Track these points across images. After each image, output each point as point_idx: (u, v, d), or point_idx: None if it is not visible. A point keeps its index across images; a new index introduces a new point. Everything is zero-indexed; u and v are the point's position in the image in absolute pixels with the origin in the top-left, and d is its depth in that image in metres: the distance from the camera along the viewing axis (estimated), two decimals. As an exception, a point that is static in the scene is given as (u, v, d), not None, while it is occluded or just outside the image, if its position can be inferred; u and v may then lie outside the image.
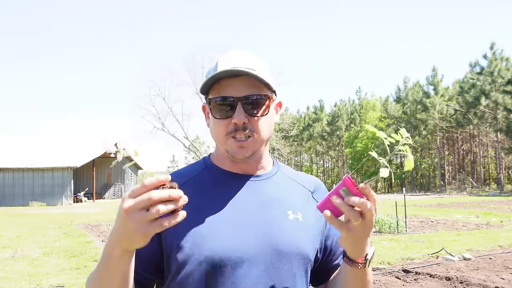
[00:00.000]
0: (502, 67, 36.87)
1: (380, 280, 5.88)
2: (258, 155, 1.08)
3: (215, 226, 0.99)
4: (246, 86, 1.01)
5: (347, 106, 60.75)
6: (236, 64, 1.00)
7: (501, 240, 9.13)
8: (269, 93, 1.05)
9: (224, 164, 1.10)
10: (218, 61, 1.03)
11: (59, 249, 9.33)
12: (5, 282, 6.37)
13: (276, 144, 38.04)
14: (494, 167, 50.07)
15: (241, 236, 0.99)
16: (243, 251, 0.97)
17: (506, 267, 6.52)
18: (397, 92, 49.26)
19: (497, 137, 39.84)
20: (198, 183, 1.08)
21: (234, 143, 1.02)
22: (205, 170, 1.11)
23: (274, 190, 1.10)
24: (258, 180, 1.10)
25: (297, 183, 1.17)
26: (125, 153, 0.81)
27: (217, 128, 1.04)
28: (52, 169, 31.58)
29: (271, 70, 30.66)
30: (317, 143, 60.99)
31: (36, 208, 27.73)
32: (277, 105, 1.12)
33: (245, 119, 1.00)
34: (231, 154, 1.03)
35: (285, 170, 1.19)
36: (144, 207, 0.76)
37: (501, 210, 17.14)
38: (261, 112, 1.03)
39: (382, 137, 0.85)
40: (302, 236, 1.05)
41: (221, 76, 1.00)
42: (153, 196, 0.75)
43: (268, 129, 1.06)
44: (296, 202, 1.11)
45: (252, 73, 0.98)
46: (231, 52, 1.05)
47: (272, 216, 1.04)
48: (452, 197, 31.89)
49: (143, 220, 0.76)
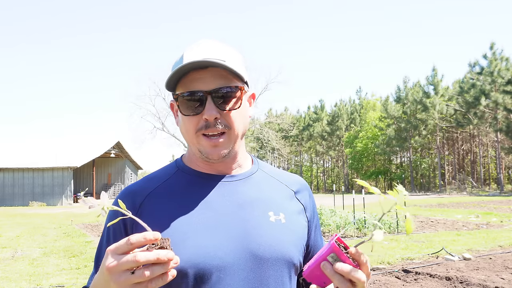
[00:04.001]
0: (502, 67, 36.86)
1: (380, 280, 5.87)
2: (234, 153, 1.00)
3: (188, 234, 0.90)
4: (215, 78, 0.92)
5: (347, 106, 60.76)
6: (203, 55, 0.91)
7: (501, 240, 9.13)
8: (241, 84, 0.97)
9: (197, 165, 1.02)
10: (184, 53, 0.94)
11: (59, 249, 9.32)
12: (5, 282, 6.36)
13: (276, 144, 38.02)
14: (494, 167, 50.07)
15: (217, 243, 0.91)
16: (219, 259, 0.89)
17: (506, 267, 6.52)
18: (397, 92, 49.26)
19: (497, 137, 39.82)
20: (170, 187, 0.99)
21: (207, 142, 0.94)
22: (178, 173, 1.03)
23: (254, 190, 1.02)
24: (235, 180, 1.02)
25: (279, 182, 1.09)
26: (109, 208, 0.75)
27: (187, 125, 0.95)
28: (52, 169, 31.57)
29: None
30: (317, 143, 60.97)
31: (36, 208, 27.71)
32: (250, 97, 1.05)
33: (217, 114, 0.92)
34: (205, 154, 0.95)
35: (266, 169, 1.11)
36: (128, 269, 0.69)
37: (501, 210, 17.13)
38: (233, 105, 0.94)
39: (376, 193, 0.76)
40: (285, 238, 0.97)
41: (188, 69, 0.91)
42: (139, 259, 0.68)
43: (243, 123, 0.98)
44: (278, 202, 1.03)
45: (222, 63, 0.90)
46: (198, 43, 0.97)
47: (251, 219, 0.96)
48: (452, 197, 31.88)
49: (127, 283, 0.70)
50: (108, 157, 36.71)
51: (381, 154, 52.43)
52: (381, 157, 54.69)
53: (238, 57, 0.98)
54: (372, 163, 56.41)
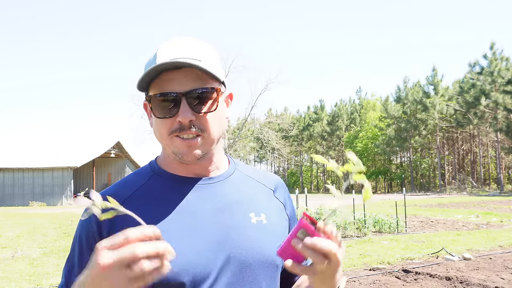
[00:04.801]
0: (502, 67, 36.90)
1: (380, 280, 5.87)
2: (210, 155, 0.96)
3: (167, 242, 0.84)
4: (190, 79, 0.88)
5: (347, 106, 60.81)
6: (177, 55, 0.87)
7: (501, 240, 9.13)
8: (217, 85, 0.93)
9: (172, 167, 0.97)
10: (157, 51, 0.90)
11: (59, 249, 9.33)
12: (5, 282, 6.37)
13: (276, 144, 38.00)
14: (494, 167, 50.09)
15: (198, 249, 0.87)
16: (201, 266, 0.86)
17: (506, 267, 6.52)
18: (397, 92, 49.30)
19: (497, 137, 39.86)
20: (145, 193, 0.94)
21: (181, 143, 0.89)
22: (154, 177, 0.98)
23: (233, 192, 0.98)
24: (212, 182, 0.98)
25: (257, 182, 1.06)
26: (102, 205, 0.71)
27: (160, 128, 0.91)
28: (52, 169, 31.59)
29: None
30: (317, 143, 61.01)
31: (36, 208, 27.72)
32: (227, 97, 1.01)
33: (192, 116, 0.88)
34: (179, 155, 0.91)
35: (243, 169, 1.08)
36: (126, 264, 0.65)
37: (501, 210, 17.14)
38: (209, 108, 0.90)
39: (334, 168, 0.76)
40: (267, 239, 0.94)
41: (161, 69, 0.87)
42: (139, 253, 0.64)
43: (219, 126, 0.94)
44: (259, 203, 1.00)
45: (196, 64, 0.85)
46: (172, 41, 0.92)
47: (232, 221, 0.93)
48: (452, 197, 31.90)
49: (123, 279, 0.65)
50: (108, 157, 36.73)
51: (381, 154, 52.47)
52: (381, 157, 54.72)
53: (214, 56, 0.94)
54: (372, 163, 56.43)
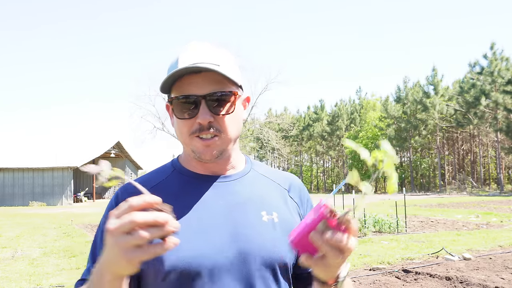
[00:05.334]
0: (502, 67, 36.90)
1: (380, 280, 5.87)
2: (227, 155, 1.02)
3: (184, 234, 0.90)
4: (209, 83, 0.94)
5: (348, 106, 60.79)
6: (198, 59, 0.93)
7: (501, 240, 9.13)
8: (235, 88, 0.99)
9: (192, 165, 1.05)
10: (178, 57, 0.97)
11: (59, 249, 9.33)
12: (5, 282, 6.37)
13: (276, 144, 38.00)
14: (494, 167, 50.09)
15: (210, 243, 0.93)
16: (211, 259, 0.91)
17: (506, 267, 6.52)
18: (397, 92, 49.28)
19: (497, 137, 39.85)
20: (166, 188, 1.01)
21: (200, 142, 0.96)
22: (174, 173, 1.05)
23: (247, 190, 1.04)
24: (228, 180, 1.04)
25: (272, 181, 1.11)
26: (111, 174, 0.73)
27: (181, 128, 0.98)
28: (52, 169, 31.59)
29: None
30: (317, 143, 61.00)
31: (36, 208, 27.72)
32: (244, 100, 1.07)
33: (210, 118, 0.94)
34: (198, 154, 0.97)
35: (259, 168, 1.13)
36: (127, 231, 0.67)
37: (501, 210, 17.14)
38: (227, 110, 0.97)
39: (365, 157, 0.75)
40: (278, 238, 0.98)
41: (183, 73, 0.94)
42: (136, 219, 0.66)
43: (236, 127, 1.00)
44: (271, 201, 1.05)
45: (215, 69, 0.92)
46: (193, 46, 0.99)
47: (245, 218, 0.98)
48: (452, 197, 31.90)
49: (127, 245, 0.67)
50: (108, 157, 36.70)
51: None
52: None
53: (232, 61, 1.00)
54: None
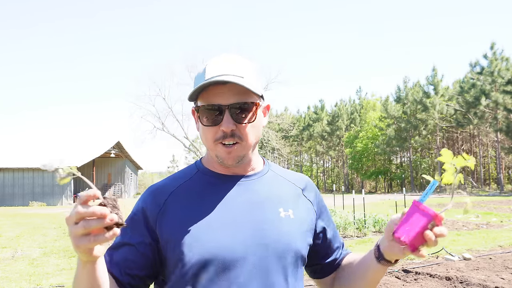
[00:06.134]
0: (502, 67, 36.85)
1: (380, 280, 5.87)
2: (247, 159, 1.12)
3: (206, 227, 1.03)
4: (234, 94, 1.03)
5: (348, 106, 60.73)
6: (224, 71, 1.02)
7: (501, 240, 9.13)
8: (256, 99, 1.08)
9: (215, 167, 1.14)
10: (206, 68, 1.06)
11: (59, 249, 9.33)
12: (5, 282, 6.37)
13: (276, 144, 38.00)
14: (494, 167, 50.09)
15: (233, 236, 1.02)
16: (234, 251, 1.01)
17: (506, 267, 6.52)
18: (397, 92, 49.24)
19: (497, 137, 39.83)
20: (191, 186, 1.12)
21: (223, 149, 1.05)
22: (198, 174, 1.15)
23: (265, 189, 1.14)
24: (249, 180, 1.14)
25: (287, 181, 1.21)
26: (65, 170, 0.79)
27: (206, 134, 1.07)
28: (52, 169, 31.55)
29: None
30: (317, 143, 60.95)
31: (36, 208, 27.71)
32: (265, 108, 1.16)
33: (233, 126, 1.03)
34: (221, 159, 1.07)
35: (275, 169, 1.23)
36: (75, 221, 0.77)
37: (501, 210, 17.13)
38: (249, 119, 1.06)
39: (449, 166, 0.94)
40: (294, 232, 1.09)
41: (209, 84, 1.02)
42: (79, 211, 0.76)
43: (256, 134, 1.09)
44: (287, 199, 1.15)
45: (238, 82, 1.00)
46: (220, 58, 1.08)
47: (264, 215, 1.08)
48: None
49: (75, 234, 0.78)
50: (108, 157, 36.74)
51: (381, 154, 52.42)
52: (381, 157, 54.67)
53: (255, 72, 1.09)
54: (372, 163, 56.39)
